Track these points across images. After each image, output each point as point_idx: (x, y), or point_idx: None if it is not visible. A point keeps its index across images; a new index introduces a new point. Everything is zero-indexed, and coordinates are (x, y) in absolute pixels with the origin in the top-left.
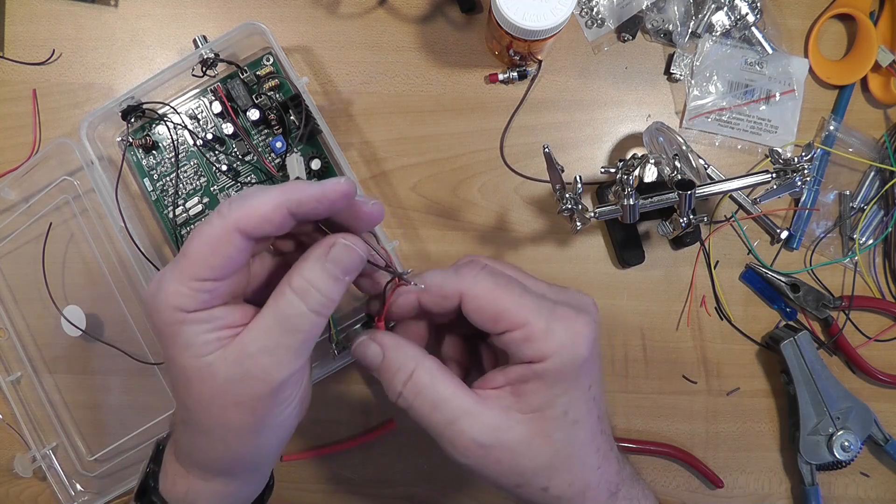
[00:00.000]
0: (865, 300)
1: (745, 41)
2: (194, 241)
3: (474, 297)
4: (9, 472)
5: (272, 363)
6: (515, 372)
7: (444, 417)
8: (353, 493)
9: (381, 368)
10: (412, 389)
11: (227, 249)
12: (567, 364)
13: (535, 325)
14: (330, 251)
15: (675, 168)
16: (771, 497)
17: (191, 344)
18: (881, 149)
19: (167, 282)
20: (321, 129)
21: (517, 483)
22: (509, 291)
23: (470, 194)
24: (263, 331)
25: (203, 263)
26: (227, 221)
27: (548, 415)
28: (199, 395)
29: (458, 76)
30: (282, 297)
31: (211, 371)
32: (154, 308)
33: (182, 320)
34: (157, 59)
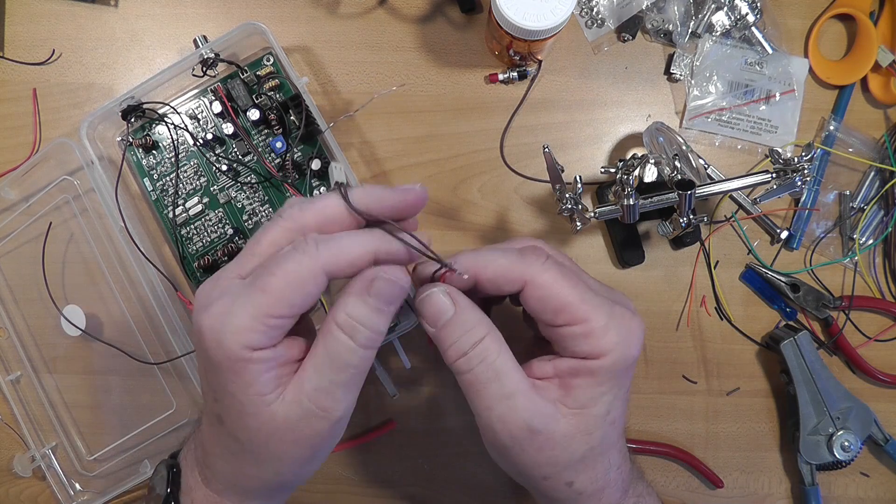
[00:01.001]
0: (865, 300)
1: (745, 41)
2: (277, 277)
3: (539, 287)
4: (8, 472)
5: (329, 401)
6: (566, 364)
7: (502, 390)
8: (353, 493)
9: (448, 324)
10: (479, 354)
11: (311, 289)
12: (619, 363)
13: (595, 322)
14: (372, 286)
15: (675, 168)
16: (771, 497)
17: (254, 382)
18: (881, 149)
19: (239, 316)
20: (321, 129)
21: (545, 475)
22: (574, 286)
23: (470, 194)
24: (317, 370)
25: (284, 301)
26: (316, 262)
27: (592, 412)
28: (256, 430)
29: (458, 76)
30: (329, 335)
31: (271, 410)
32: (216, 341)
33: (249, 358)
34: (157, 59)
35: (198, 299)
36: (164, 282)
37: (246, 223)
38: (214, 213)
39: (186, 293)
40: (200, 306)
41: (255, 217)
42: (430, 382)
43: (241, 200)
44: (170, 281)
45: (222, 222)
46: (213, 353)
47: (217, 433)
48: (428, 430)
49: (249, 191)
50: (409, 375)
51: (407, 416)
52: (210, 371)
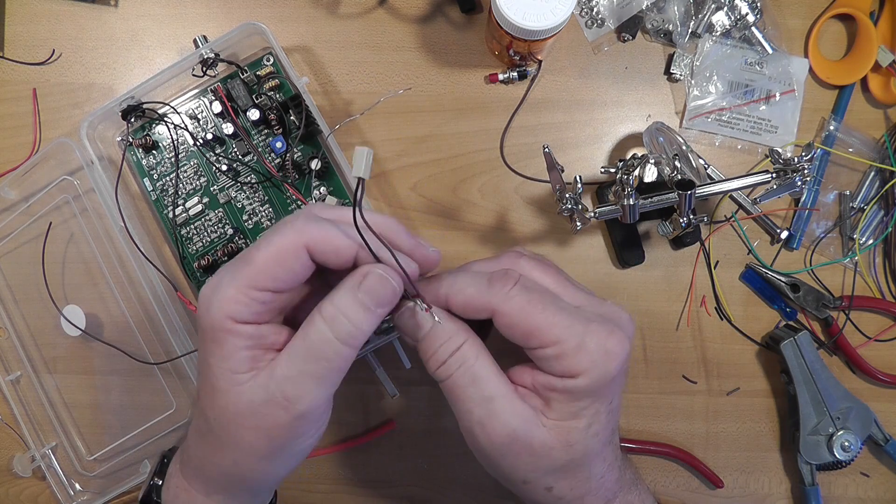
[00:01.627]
0: (865, 300)
1: (745, 41)
2: (261, 249)
3: (505, 315)
4: (8, 472)
5: (295, 391)
6: (543, 379)
7: (481, 394)
8: (353, 493)
9: (426, 337)
10: (458, 359)
11: (294, 264)
12: (596, 382)
13: (566, 343)
14: (364, 280)
15: (675, 168)
16: (771, 497)
17: (230, 357)
18: (881, 149)
19: (225, 285)
20: (321, 130)
21: (525, 479)
22: (542, 309)
23: (470, 194)
24: (289, 357)
25: (267, 273)
26: (301, 237)
27: (572, 425)
28: (221, 409)
29: (458, 76)
30: (311, 323)
31: (239, 389)
32: (205, 308)
33: (230, 329)
34: (157, 59)
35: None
36: (164, 282)
37: (246, 223)
38: (214, 213)
39: (186, 293)
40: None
41: (255, 217)
42: (430, 382)
43: (241, 200)
44: (170, 281)
45: (222, 222)
46: (202, 319)
47: (194, 410)
48: (428, 430)
49: (249, 191)
50: (409, 375)
51: (407, 416)
52: (200, 344)
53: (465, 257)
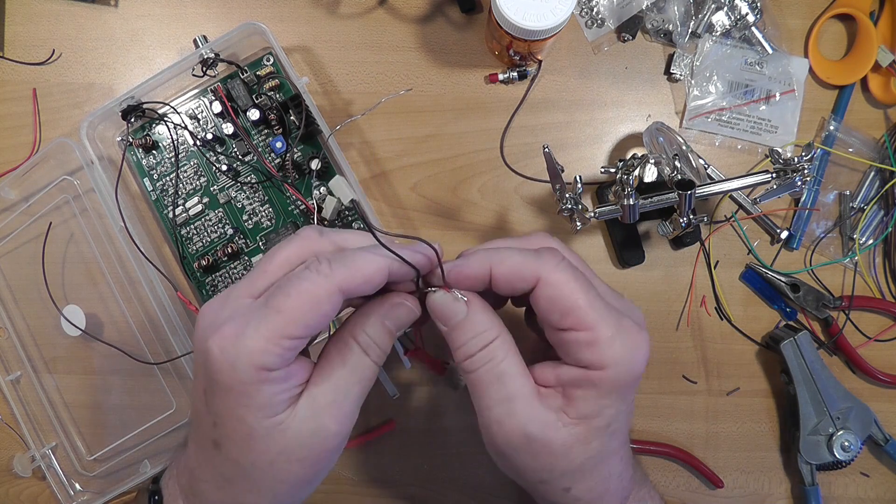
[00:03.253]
0: (865, 300)
1: (745, 41)
2: (293, 298)
3: (551, 286)
4: (8, 472)
5: (343, 415)
6: (569, 374)
7: (502, 393)
8: (353, 493)
9: (459, 325)
10: (486, 355)
11: (327, 309)
12: (623, 377)
13: (602, 332)
14: (392, 311)
15: (675, 168)
16: (771, 497)
17: (267, 404)
18: (881, 149)
19: (252, 338)
20: (321, 129)
21: (542, 479)
22: (586, 291)
23: (470, 194)
24: (333, 385)
25: (300, 322)
26: (332, 281)
27: (593, 424)
28: (261, 453)
29: (458, 76)
30: (349, 351)
31: (281, 428)
32: (229, 364)
33: (263, 379)
34: (157, 59)
35: (203, 318)
36: (164, 282)
37: (246, 223)
38: (214, 213)
39: (186, 293)
40: (208, 326)
41: (255, 217)
42: (430, 382)
43: (241, 200)
44: (170, 281)
45: (222, 222)
46: (224, 376)
47: (210, 458)
48: (428, 430)
49: (249, 191)
50: (409, 376)
51: (407, 416)
52: (215, 394)
53: None
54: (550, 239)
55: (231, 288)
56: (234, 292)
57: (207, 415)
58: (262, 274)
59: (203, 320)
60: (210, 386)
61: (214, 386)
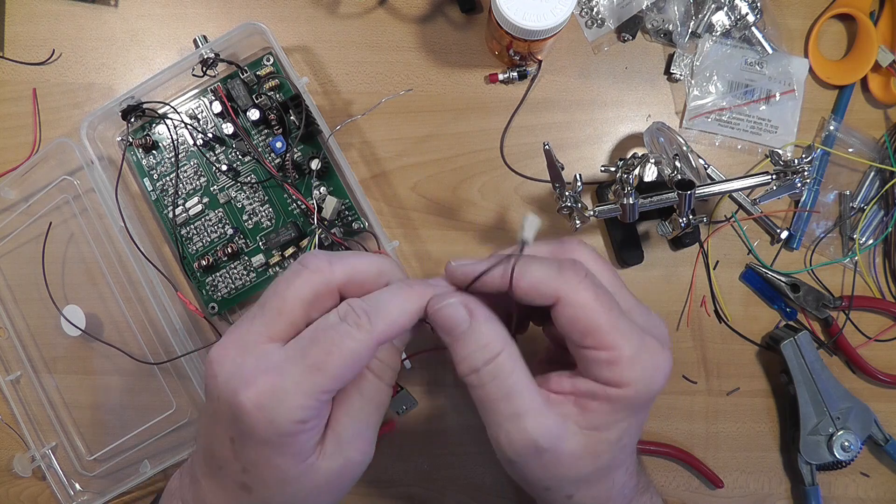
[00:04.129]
0: (865, 300)
1: (745, 41)
2: (335, 357)
3: (571, 306)
4: (8, 472)
5: (366, 444)
6: (586, 386)
7: (511, 409)
8: (353, 493)
9: (462, 337)
10: (492, 371)
11: (366, 362)
12: (640, 396)
13: (623, 352)
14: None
15: (676, 168)
16: (771, 497)
17: (301, 451)
18: (881, 149)
19: (293, 395)
20: (321, 129)
21: (548, 486)
22: (608, 310)
23: (470, 194)
24: (352, 417)
25: (340, 378)
26: (373, 337)
27: (604, 436)
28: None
29: (458, 76)
30: (364, 381)
31: (313, 469)
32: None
33: (300, 431)
34: (157, 59)
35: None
36: (164, 282)
37: (246, 223)
38: (214, 213)
39: (186, 293)
40: (232, 377)
41: (255, 217)
42: (430, 382)
43: (241, 200)
44: (170, 281)
45: (222, 222)
46: (261, 430)
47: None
48: (428, 430)
49: (249, 191)
50: (409, 376)
51: (407, 416)
52: (246, 445)
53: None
54: (581, 248)
55: (242, 331)
56: (249, 336)
57: (235, 461)
58: (278, 314)
59: (222, 370)
60: (240, 437)
61: (246, 438)
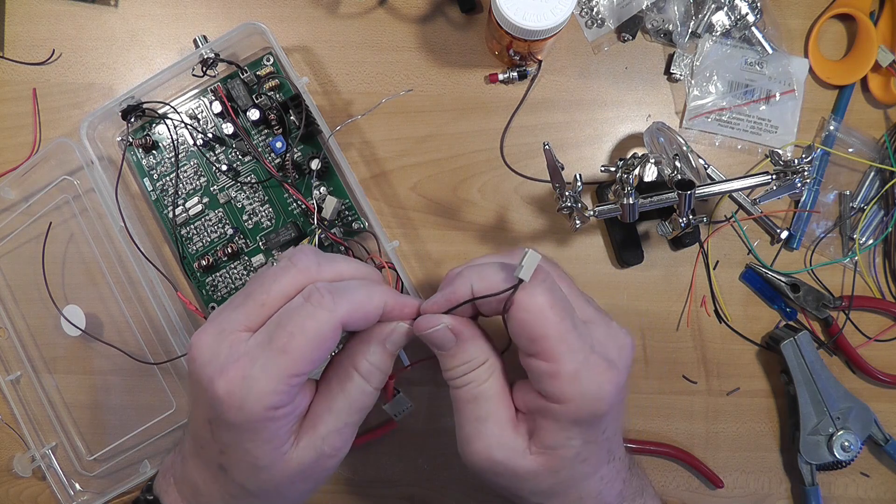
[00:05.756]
0: (865, 300)
1: (745, 41)
2: (297, 338)
3: (524, 309)
4: (8, 472)
5: (342, 441)
6: (535, 403)
7: (476, 412)
8: (353, 493)
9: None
10: (468, 378)
11: (331, 343)
12: (582, 413)
13: (565, 366)
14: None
15: (676, 168)
16: (771, 497)
17: (273, 438)
18: (881, 149)
19: (261, 381)
20: (321, 129)
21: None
22: (560, 320)
23: (470, 194)
24: (334, 414)
25: (306, 360)
26: (334, 316)
27: (559, 454)
28: (267, 481)
29: (458, 76)
30: (350, 381)
31: (286, 458)
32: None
33: (272, 417)
34: (157, 59)
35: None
36: (164, 282)
37: (246, 223)
38: (214, 213)
39: (186, 293)
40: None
41: (255, 217)
42: (430, 382)
43: (241, 200)
44: (170, 281)
45: (222, 222)
46: (232, 415)
47: (216, 478)
48: (428, 430)
49: (249, 191)
50: (410, 376)
51: (407, 416)
52: (222, 428)
53: (466, 257)
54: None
55: (223, 318)
56: (228, 324)
57: (213, 442)
58: (260, 307)
59: (200, 355)
60: (216, 419)
61: (220, 421)
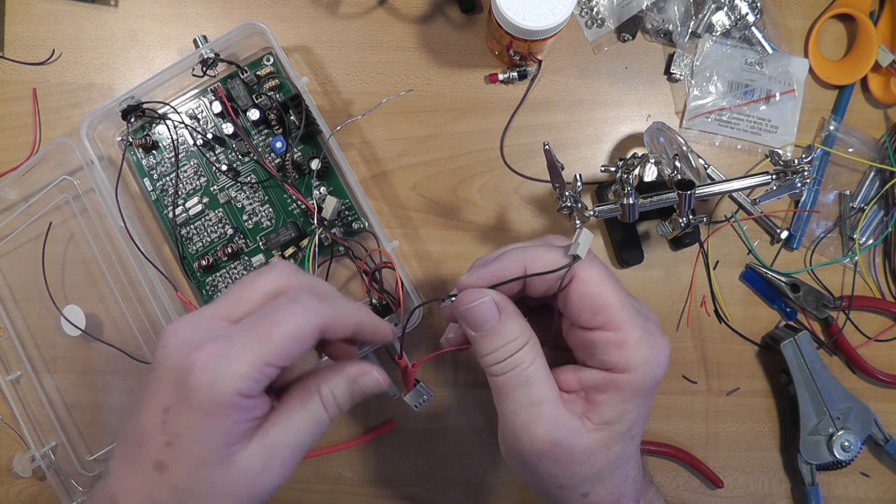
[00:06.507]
0: (865, 300)
1: (745, 41)
2: (281, 328)
3: (585, 283)
4: (8, 472)
5: (288, 460)
6: (593, 378)
7: (529, 398)
8: (353, 493)
9: (489, 334)
10: (514, 361)
11: (309, 343)
12: (646, 380)
13: (630, 334)
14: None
15: (676, 168)
16: (771, 497)
17: (228, 431)
18: (881, 149)
19: (236, 360)
20: (321, 129)
21: (561, 485)
22: (617, 291)
23: (470, 194)
24: (288, 429)
25: (283, 352)
26: (319, 319)
27: (615, 429)
28: (205, 481)
29: (458, 76)
30: (310, 401)
31: (232, 459)
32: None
33: (236, 404)
34: (157, 59)
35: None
36: (164, 282)
37: (246, 223)
38: (214, 213)
39: (186, 293)
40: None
41: (255, 217)
42: (430, 383)
43: (241, 200)
44: (170, 281)
45: (222, 222)
46: (201, 394)
47: (145, 482)
48: (428, 430)
49: (249, 191)
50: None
51: (407, 416)
52: (180, 412)
53: (466, 256)
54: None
55: (203, 309)
56: (206, 314)
57: (161, 434)
58: (240, 300)
59: (175, 337)
60: (177, 403)
61: (183, 403)
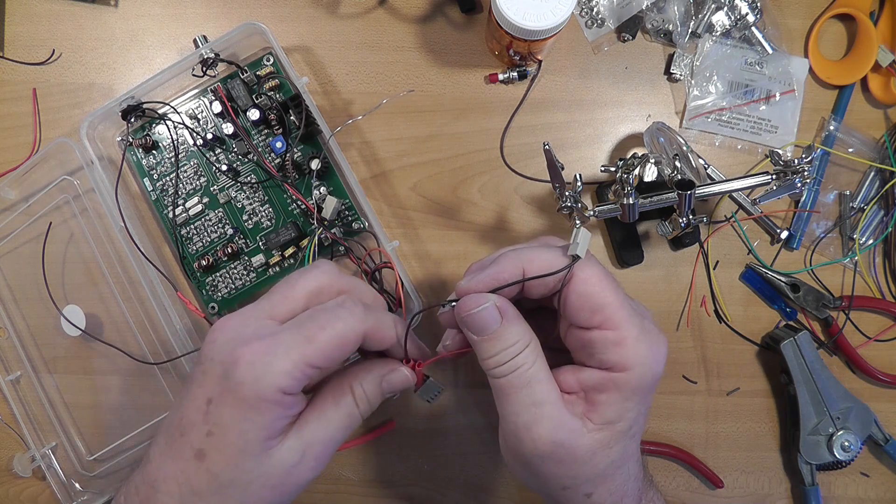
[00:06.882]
0: (865, 300)
1: (745, 41)
2: (327, 331)
3: (584, 282)
4: (8, 472)
5: (323, 453)
6: (592, 378)
7: (531, 398)
8: (353, 493)
9: (491, 337)
10: (516, 363)
11: (352, 348)
12: (645, 379)
13: (628, 332)
14: (392, 374)
15: (676, 168)
16: (771, 497)
17: (269, 425)
18: (881, 149)
19: (283, 359)
20: (321, 129)
21: (565, 486)
22: (615, 290)
23: (470, 194)
24: (324, 425)
25: (327, 355)
26: (363, 326)
27: (616, 428)
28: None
29: (458, 76)
30: (345, 399)
31: (270, 453)
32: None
33: (279, 401)
34: (157, 59)
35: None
36: (164, 282)
37: (246, 223)
38: (214, 213)
39: (186, 293)
40: (232, 338)
41: (255, 217)
42: None
43: (241, 200)
44: (170, 281)
45: (222, 222)
46: (246, 387)
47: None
48: (428, 430)
49: (249, 191)
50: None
51: (407, 416)
52: (224, 404)
53: (465, 256)
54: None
55: (250, 307)
56: (254, 312)
57: (203, 423)
58: (285, 300)
59: (223, 333)
60: (221, 395)
61: (227, 395)
